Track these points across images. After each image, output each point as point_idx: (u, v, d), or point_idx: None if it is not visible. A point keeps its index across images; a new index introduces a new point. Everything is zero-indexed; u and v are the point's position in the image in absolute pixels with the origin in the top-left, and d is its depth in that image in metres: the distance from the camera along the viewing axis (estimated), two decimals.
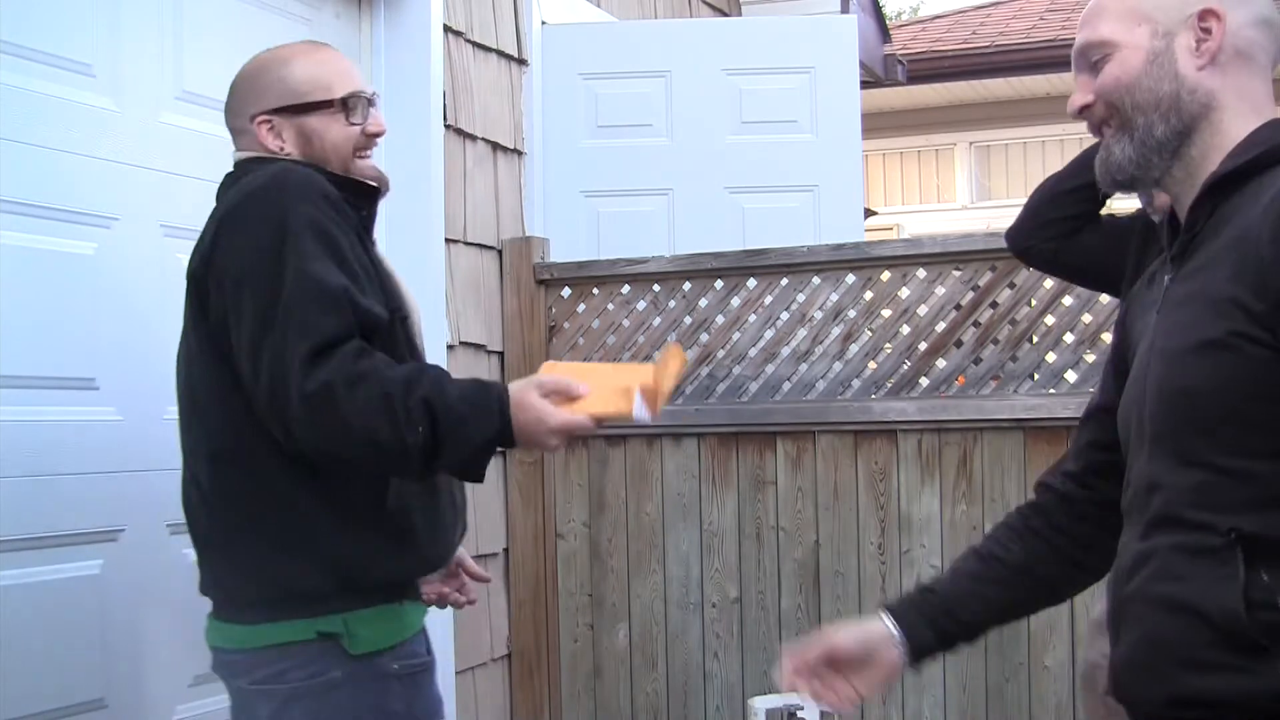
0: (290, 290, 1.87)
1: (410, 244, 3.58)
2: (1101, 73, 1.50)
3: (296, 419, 1.84)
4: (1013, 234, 2.74)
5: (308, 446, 1.87)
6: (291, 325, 1.85)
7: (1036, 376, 3.44)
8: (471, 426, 1.85)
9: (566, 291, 3.94)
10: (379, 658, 1.99)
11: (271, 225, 1.91)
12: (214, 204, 2.09)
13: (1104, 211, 2.65)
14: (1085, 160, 2.59)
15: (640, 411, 1.92)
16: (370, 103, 2.15)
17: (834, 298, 3.67)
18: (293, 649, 1.95)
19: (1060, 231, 2.57)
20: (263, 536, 1.95)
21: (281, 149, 2.09)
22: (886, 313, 3.62)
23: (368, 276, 1.98)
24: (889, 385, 3.60)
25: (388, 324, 2.00)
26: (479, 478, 1.94)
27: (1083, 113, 1.54)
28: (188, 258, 2.85)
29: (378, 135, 2.16)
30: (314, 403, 1.82)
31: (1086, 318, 3.41)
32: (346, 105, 2.11)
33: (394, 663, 2.00)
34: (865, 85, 5.32)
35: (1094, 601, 2.52)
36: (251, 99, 2.13)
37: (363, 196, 2.13)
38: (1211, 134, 1.45)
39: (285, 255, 1.89)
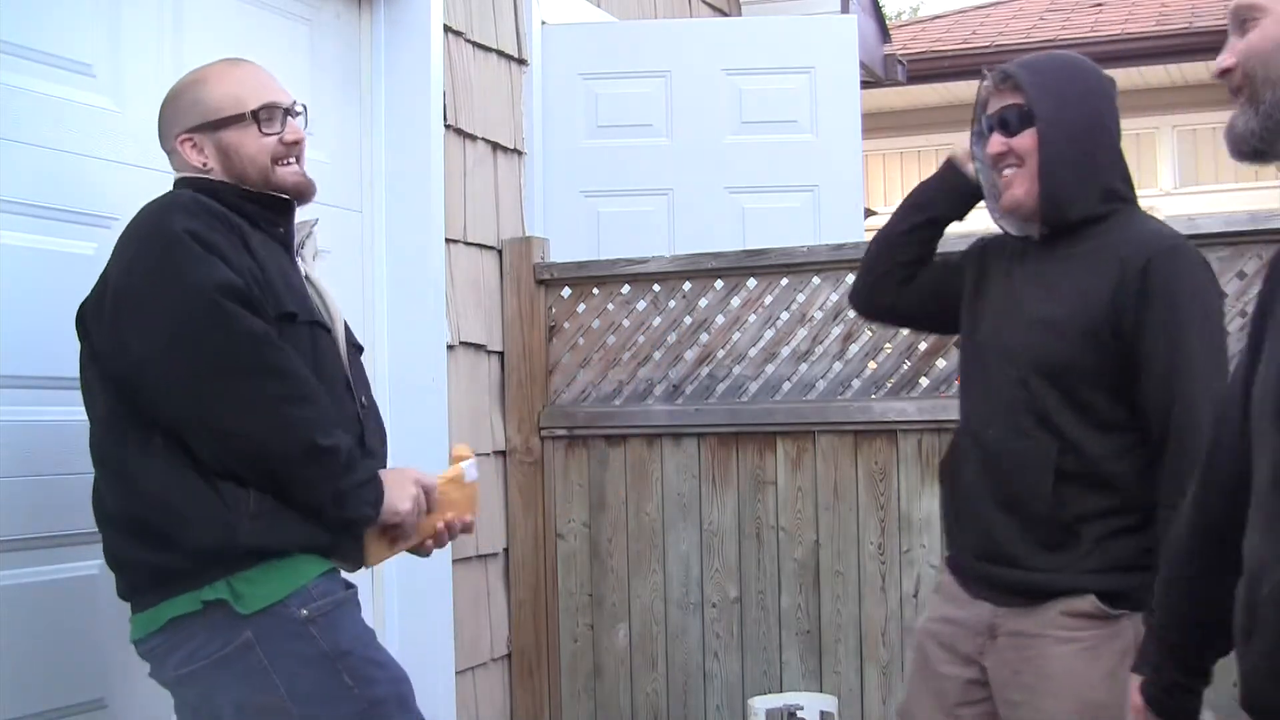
0: (187, 287, 1.97)
1: (410, 244, 3.58)
2: (1246, 39, 1.44)
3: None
4: (854, 296, 2.67)
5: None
6: (194, 333, 1.97)
7: None
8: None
9: (566, 291, 3.94)
10: (282, 608, 2.00)
11: (152, 241, 2.04)
12: None
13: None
14: (913, 202, 2.57)
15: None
16: (290, 112, 2.24)
17: (834, 298, 3.66)
18: (193, 624, 2.01)
19: (898, 279, 2.54)
20: (135, 526, 2.05)
21: (204, 164, 2.21)
22: None
23: (257, 282, 2.05)
24: (889, 385, 3.60)
25: (291, 319, 2.10)
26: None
27: (1224, 75, 1.47)
28: None
29: (295, 143, 2.23)
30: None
31: None
32: (258, 117, 2.20)
33: (301, 608, 2.01)
34: (865, 85, 5.32)
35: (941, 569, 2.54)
36: (175, 120, 2.25)
37: (278, 211, 2.22)
38: None
39: (174, 259, 2.00)
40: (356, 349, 2.36)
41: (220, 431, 1.99)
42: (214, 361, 1.96)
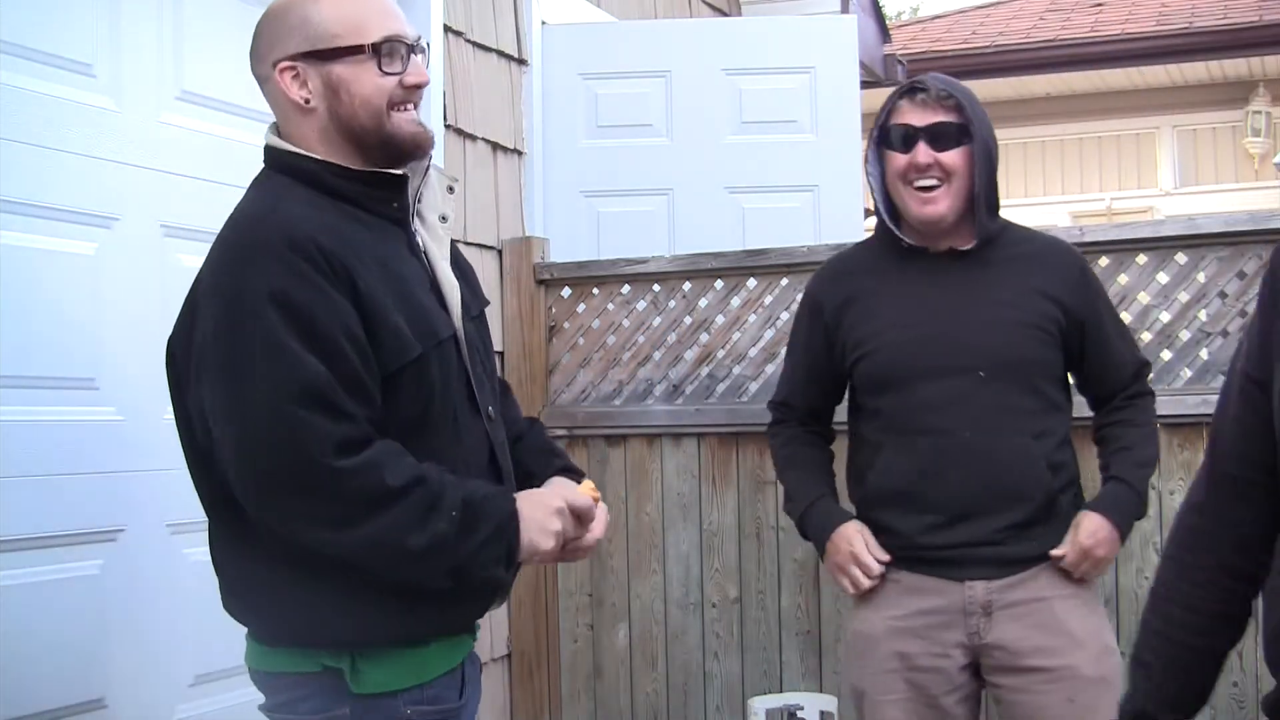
0: (260, 389, 1.70)
1: None
2: None
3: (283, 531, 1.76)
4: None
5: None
6: (270, 437, 1.70)
7: None
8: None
9: (566, 291, 3.94)
10: (390, 699, 1.81)
11: (231, 302, 1.74)
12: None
13: None
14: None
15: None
16: (412, 49, 1.88)
17: None
18: (302, 679, 1.83)
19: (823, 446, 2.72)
20: (277, 581, 1.81)
21: (306, 100, 1.84)
22: None
23: (357, 344, 1.75)
24: None
25: (415, 365, 1.81)
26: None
27: None
28: (187, 258, 2.86)
29: (418, 86, 1.88)
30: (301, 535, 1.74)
31: None
32: (380, 52, 1.84)
33: (408, 707, 1.83)
34: (865, 85, 5.31)
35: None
36: (275, 42, 1.86)
37: (391, 189, 1.90)
38: None
39: (246, 340, 1.72)
40: (476, 319, 2.02)
41: (303, 543, 1.75)
42: (284, 480, 1.71)
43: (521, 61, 4.15)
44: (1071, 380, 2.57)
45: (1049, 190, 9.90)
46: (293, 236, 1.75)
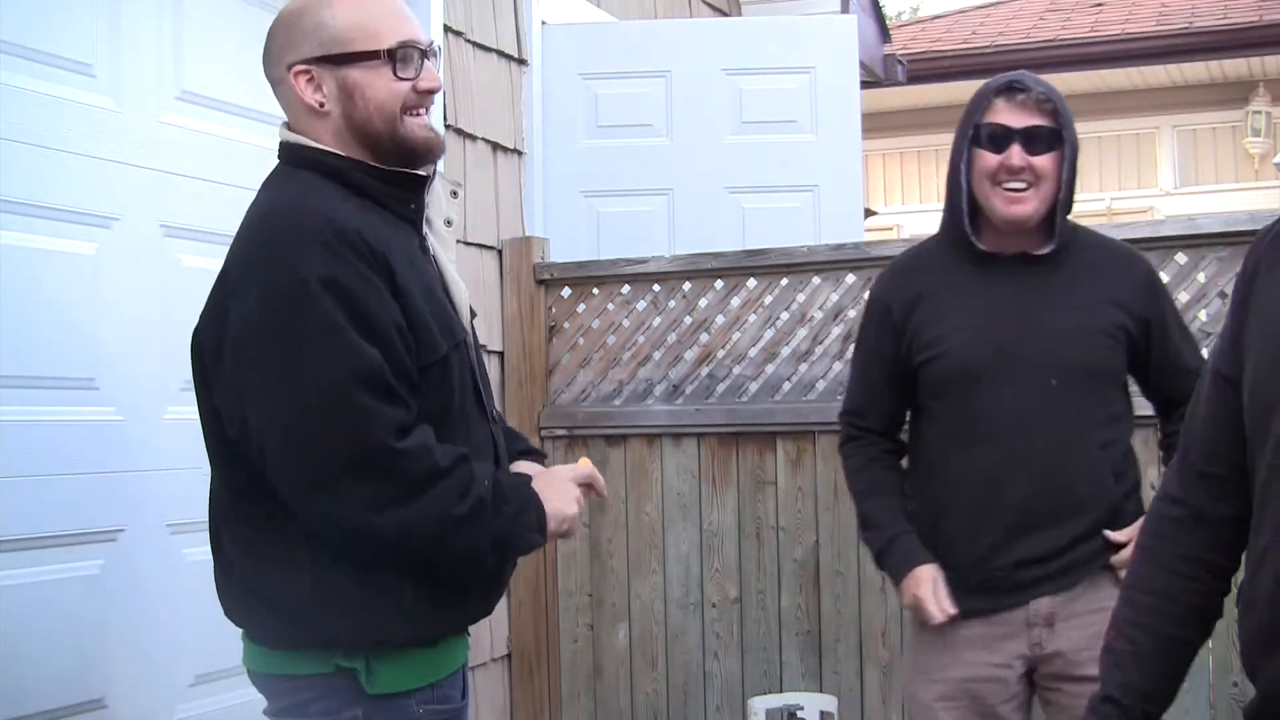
0: (319, 376, 1.70)
1: None
2: None
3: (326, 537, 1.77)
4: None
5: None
6: (329, 423, 1.71)
7: None
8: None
9: (566, 291, 3.94)
10: (402, 699, 1.83)
11: (279, 287, 1.72)
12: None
13: None
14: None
15: None
16: (425, 55, 1.89)
17: (834, 298, 3.67)
18: (313, 680, 1.82)
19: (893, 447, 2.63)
20: (295, 581, 1.80)
21: (320, 104, 1.85)
22: None
23: (402, 335, 1.77)
24: None
25: (441, 362, 1.83)
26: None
27: None
28: (187, 258, 2.84)
29: (431, 92, 1.90)
30: (349, 536, 1.75)
31: None
32: (394, 57, 1.85)
33: (419, 706, 1.84)
34: (865, 85, 5.31)
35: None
36: (289, 45, 1.87)
37: (411, 189, 1.91)
38: None
39: (302, 328, 1.71)
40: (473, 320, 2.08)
41: (346, 531, 1.75)
42: (343, 463, 1.71)
43: (521, 61, 4.15)
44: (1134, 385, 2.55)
45: None
46: (336, 226, 1.75)
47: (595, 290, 3.91)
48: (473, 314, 2.07)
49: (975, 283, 2.43)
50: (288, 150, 1.92)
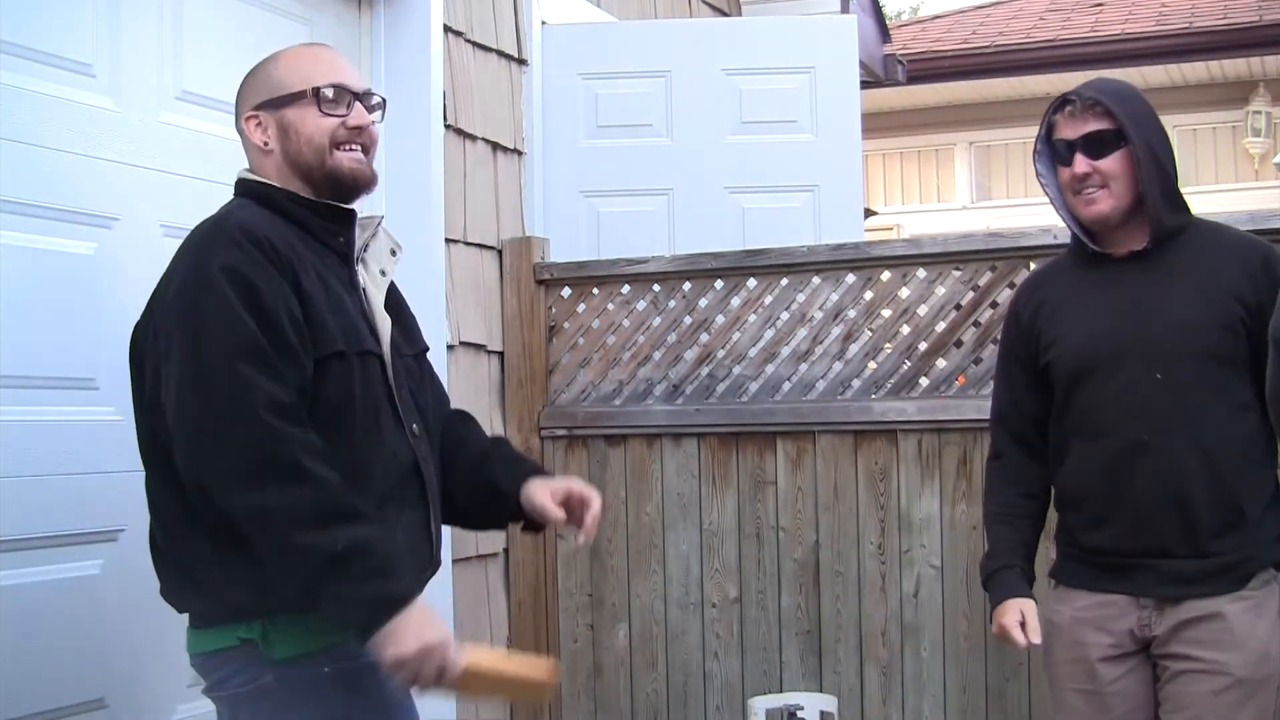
0: (209, 346, 1.90)
1: (410, 244, 3.55)
2: None
3: (211, 486, 1.90)
4: None
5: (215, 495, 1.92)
6: (210, 387, 1.89)
7: None
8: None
9: (566, 291, 3.94)
10: (308, 660, 1.96)
11: (189, 277, 1.96)
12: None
13: None
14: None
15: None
16: (360, 98, 2.13)
17: (834, 298, 3.66)
18: (228, 655, 1.98)
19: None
20: (199, 553, 1.98)
21: (265, 144, 2.11)
22: (886, 313, 3.62)
23: (295, 326, 1.95)
24: (889, 385, 3.59)
25: (338, 357, 2.00)
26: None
27: None
28: None
29: (359, 129, 2.12)
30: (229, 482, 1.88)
31: None
32: (320, 95, 2.09)
33: (326, 665, 1.97)
34: (865, 85, 5.31)
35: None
36: (245, 97, 2.16)
37: (339, 221, 2.12)
38: None
39: (202, 307, 1.92)
40: (417, 356, 2.27)
41: (210, 497, 1.90)
42: (215, 427, 1.88)
43: (521, 61, 4.15)
44: None
45: None
46: (245, 228, 1.99)
47: (595, 290, 3.91)
48: (425, 349, 2.28)
49: (1091, 284, 2.54)
50: (237, 184, 2.17)
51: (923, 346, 3.57)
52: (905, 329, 3.60)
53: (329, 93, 2.09)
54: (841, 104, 4.45)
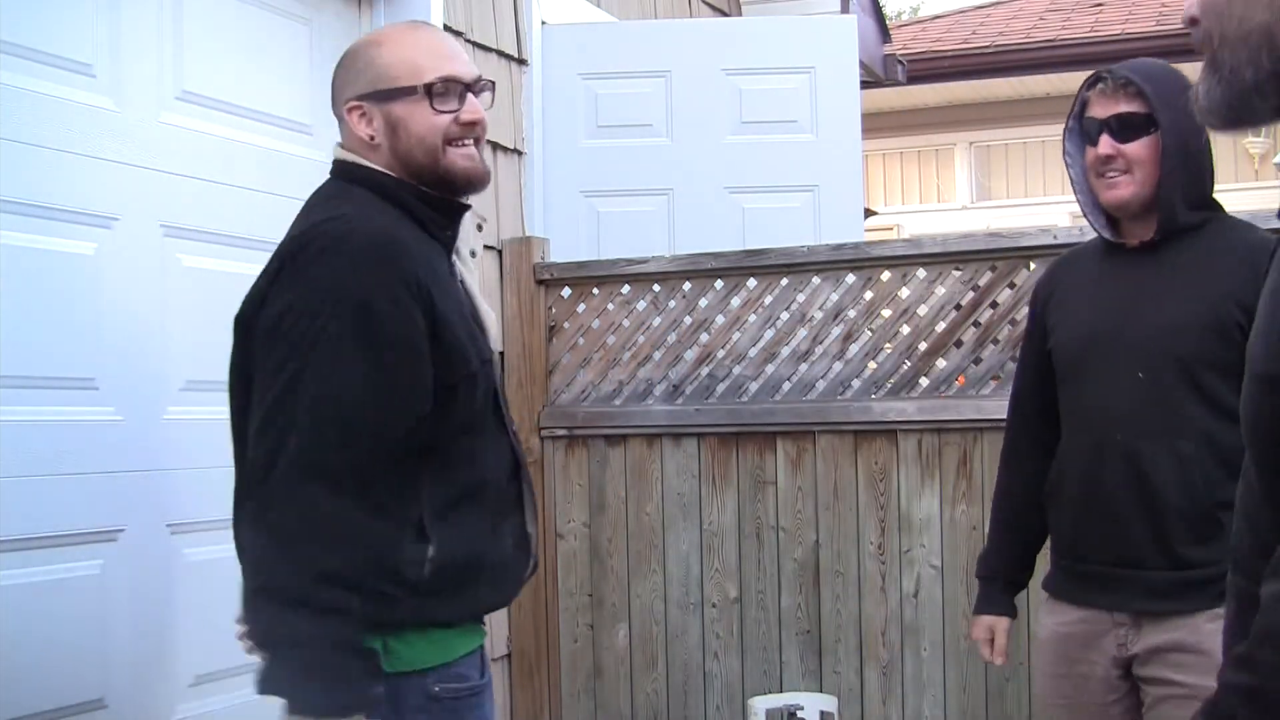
0: (307, 392, 1.77)
1: None
2: None
3: (259, 524, 1.80)
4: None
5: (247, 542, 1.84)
6: (297, 434, 1.77)
7: None
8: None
9: (566, 291, 3.94)
10: (418, 678, 1.89)
11: (317, 298, 1.80)
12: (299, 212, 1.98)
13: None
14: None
15: None
16: (470, 89, 1.99)
17: (834, 298, 3.67)
18: None
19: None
20: (314, 554, 1.82)
21: (372, 137, 1.98)
22: (886, 313, 3.63)
23: (447, 332, 1.86)
24: (889, 385, 3.60)
25: (470, 378, 1.90)
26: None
27: (1192, 25, 1.29)
28: (187, 258, 2.83)
29: (472, 124, 1.99)
30: (276, 531, 1.76)
31: None
32: (432, 91, 1.95)
33: (435, 684, 1.90)
34: (865, 85, 5.31)
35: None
36: (345, 85, 2.02)
37: (450, 216, 2.01)
38: None
39: (317, 344, 1.78)
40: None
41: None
42: (284, 476, 1.78)
43: (521, 61, 4.15)
44: None
45: (1049, 190, 9.90)
46: (382, 246, 1.85)
47: (595, 290, 3.91)
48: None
49: (1102, 273, 2.43)
50: (342, 166, 2.02)
51: (923, 346, 3.57)
52: (905, 329, 3.60)
53: (440, 87, 1.96)
54: (841, 104, 4.46)
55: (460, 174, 1.99)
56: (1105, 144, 2.34)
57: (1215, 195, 2.40)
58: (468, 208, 2.04)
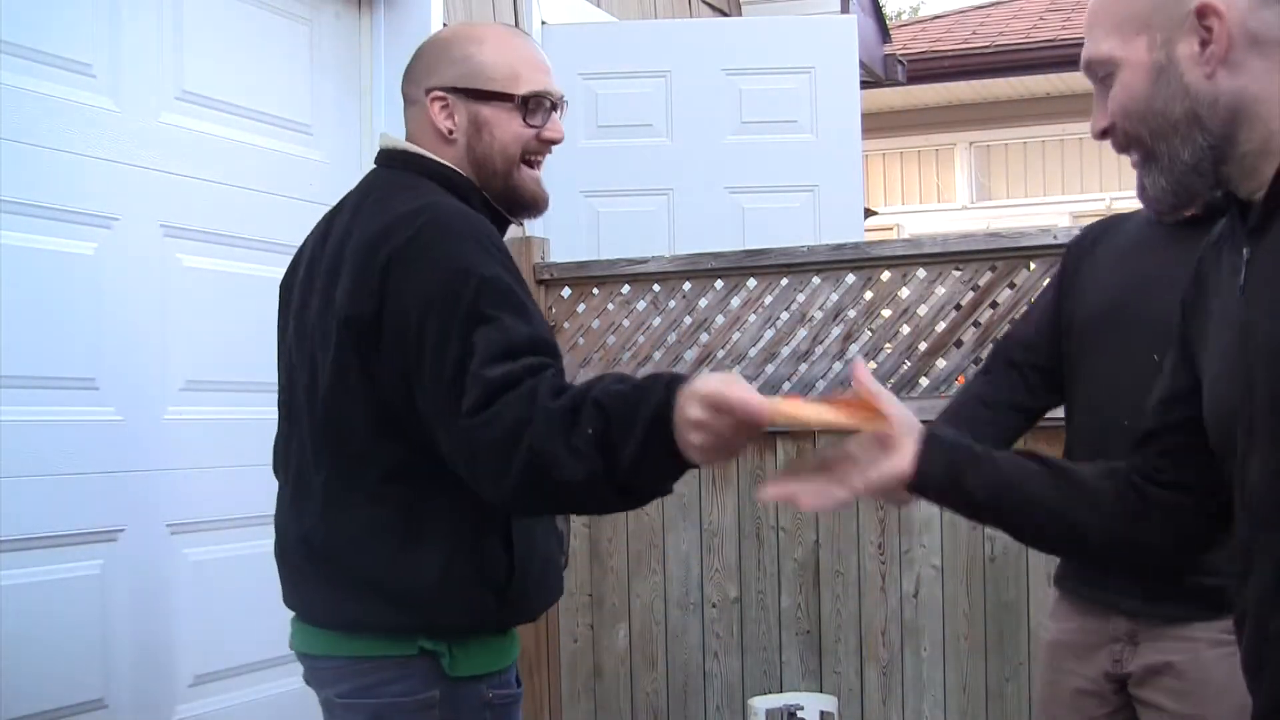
0: (480, 350, 1.71)
1: None
2: (1110, 95, 1.32)
3: (491, 476, 1.70)
4: None
5: (515, 499, 1.73)
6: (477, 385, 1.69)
7: None
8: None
9: (566, 291, 3.94)
10: (476, 683, 1.88)
11: (451, 275, 1.75)
12: (357, 197, 1.95)
13: None
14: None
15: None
16: (554, 107, 2.00)
17: (834, 298, 3.67)
18: (398, 662, 1.83)
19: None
20: (382, 557, 1.82)
21: (450, 132, 1.95)
22: (886, 313, 3.63)
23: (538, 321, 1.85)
24: (889, 385, 3.59)
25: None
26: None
27: (1104, 137, 1.36)
28: (187, 258, 2.83)
29: (553, 142, 2.00)
30: (550, 449, 1.64)
31: None
32: (527, 105, 1.95)
33: (490, 691, 1.90)
34: (865, 85, 5.32)
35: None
36: (433, 70, 1.97)
37: (501, 229, 1.97)
38: (1256, 128, 1.26)
39: (477, 308, 1.73)
40: None
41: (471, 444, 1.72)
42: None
43: None
44: None
45: (1049, 190, 9.91)
46: (485, 231, 1.84)
47: (595, 290, 3.91)
48: None
49: (1142, 243, 2.29)
50: (409, 157, 1.97)
51: (923, 346, 3.57)
52: (905, 329, 3.60)
53: (534, 102, 1.95)
54: (841, 104, 4.46)
55: (527, 194, 1.99)
56: None
57: None
58: (508, 226, 2.02)
